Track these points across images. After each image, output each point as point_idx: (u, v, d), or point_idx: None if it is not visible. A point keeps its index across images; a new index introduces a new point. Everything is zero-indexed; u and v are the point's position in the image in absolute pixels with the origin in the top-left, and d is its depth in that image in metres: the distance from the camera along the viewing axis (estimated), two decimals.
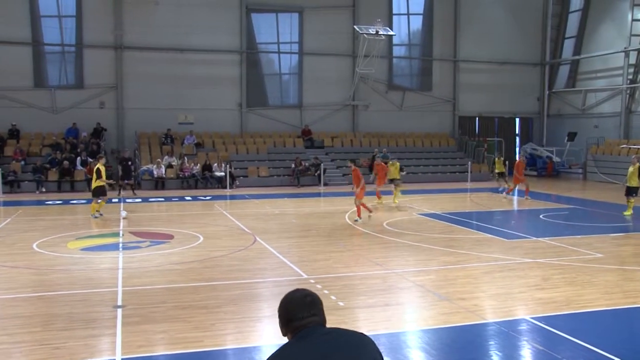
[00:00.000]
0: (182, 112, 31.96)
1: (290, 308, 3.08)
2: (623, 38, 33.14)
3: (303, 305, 3.07)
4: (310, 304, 3.08)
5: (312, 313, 3.05)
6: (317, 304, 3.10)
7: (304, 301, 3.09)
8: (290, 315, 3.06)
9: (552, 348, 7.47)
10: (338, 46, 34.15)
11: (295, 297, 3.12)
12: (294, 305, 3.08)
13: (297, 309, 3.06)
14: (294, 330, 3.02)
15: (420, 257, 12.88)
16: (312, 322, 3.03)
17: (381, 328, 8.25)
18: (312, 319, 3.04)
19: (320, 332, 3.01)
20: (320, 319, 3.07)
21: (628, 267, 12.06)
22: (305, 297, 3.11)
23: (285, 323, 3.07)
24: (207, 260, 12.63)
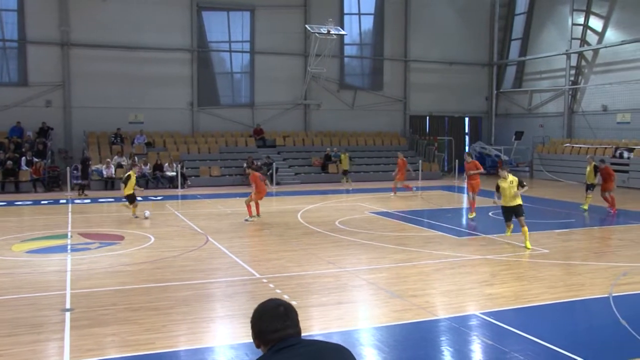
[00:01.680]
0: (132, 111, 31.42)
1: (263, 319, 2.93)
2: (564, 41, 34.16)
3: (276, 317, 2.92)
4: (284, 315, 2.93)
5: (286, 325, 2.91)
6: (291, 315, 2.95)
7: (277, 312, 2.94)
8: (262, 326, 2.91)
9: (500, 342, 7.65)
10: (290, 45, 34.14)
11: (268, 308, 2.97)
12: (266, 317, 2.93)
13: (270, 321, 2.91)
14: (268, 342, 2.89)
15: (373, 255, 13.00)
16: (287, 335, 2.89)
17: (334, 326, 8.30)
18: (287, 332, 2.90)
19: (296, 344, 2.87)
20: (295, 331, 2.93)
21: (572, 262, 12.44)
22: (278, 308, 2.96)
23: (258, 335, 2.93)
24: (159, 261, 12.46)
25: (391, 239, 14.85)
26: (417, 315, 8.79)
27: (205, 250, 13.62)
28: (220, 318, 8.85)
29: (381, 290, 10.16)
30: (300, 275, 11.21)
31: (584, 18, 33.51)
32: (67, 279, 10.84)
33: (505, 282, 10.66)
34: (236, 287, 10.51)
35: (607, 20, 32.23)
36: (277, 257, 12.84)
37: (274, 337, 2.88)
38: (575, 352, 7.17)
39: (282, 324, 2.91)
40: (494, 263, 12.15)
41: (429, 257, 12.76)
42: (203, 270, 11.69)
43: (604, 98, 32.13)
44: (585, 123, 33.57)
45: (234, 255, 12.92)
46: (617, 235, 16.32)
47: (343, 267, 11.91)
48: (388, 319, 8.67)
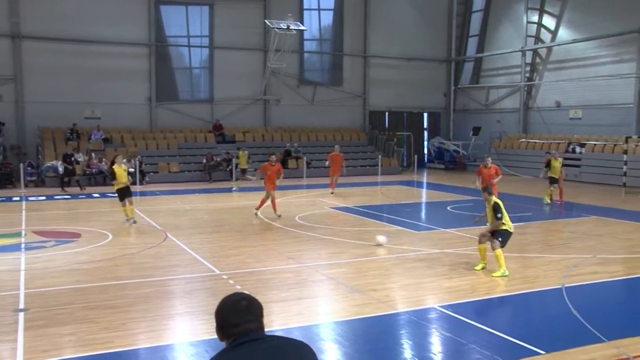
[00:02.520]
0: (89, 107, 30.79)
1: (225, 313, 2.92)
2: (520, 38, 34.83)
3: (238, 310, 2.91)
4: (246, 309, 2.91)
5: (248, 319, 2.89)
6: (254, 309, 2.94)
7: (239, 306, 2.92)
8: (224, 320, 2.90)
9: (458, 334, 7.80)
10: (249, 40, 33.96)
11: (230, 302, 2.95)
12: (228, 310, 2.92)
13: (232, 314, 2.89)
14: (229, 336, 2.87)
15: (333, 250, 13.07)
16: (248, 329, 2.87)
17: (294, 321, 8.34)
18: (248, 325, 2.88)
19: (257, 339, 2.85)
20: (256, 326, 2.91)
21: (527, 254, 12.74)
22: (241, 302, 2.94)
23: (220, 328, 2.92)
24: (117, 258, 12.29)
25: (351, 234, 14.95)
26: (376, 309, 8.89)
27: (164, 247, 13.48)
28: (180, 315, 8.80)
29: (341, 285, 10.23)
30: (260, 271, 11.20)
31: (538, 16, 34.20)
32: (21, 278, 10.60)
33: (463, 276, 10.85)
34: (196, 284, 10.45)
35: (559, 19, 32.98)
36: (236, 253, 12.80)
37: (235, 331, 2.87)
38: (530, 342, 7.36)
39: (244, 318, 2.89)
40: (452, 257, 12.35)
41: (388, 252, 12.89)
42: (162, 267, 11.58)
43: (557, 94, 32.90)
44: (540, 119, 34.32)
45: (194, 252, 12.84)
46: (569, 228, 16.76)
47: (303, 262, 11.95)
48: (348, 313, 8.74)
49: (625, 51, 29.28)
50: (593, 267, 11.55)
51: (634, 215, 18.69)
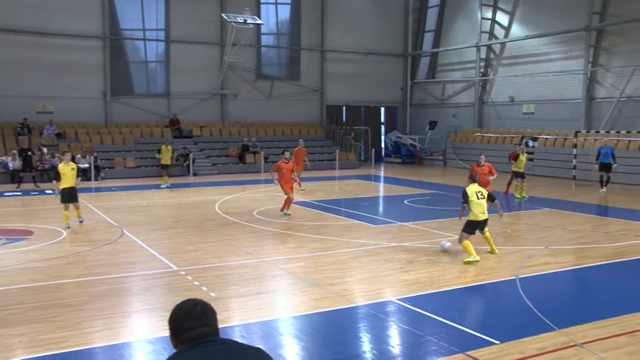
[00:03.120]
0: (40, 101, 30.01)
1: (179, 318, 2.89)
2: (475, 34, 35.40)
3: (193, 315, 2.89)
4: (202, 314, 2.91)
5: (203, 323, 2.88)
6: (208, 314, 2.93)
7: (194, 310, 2.91)
8: (179, 325, 2.88)
9: (416, 326, 7.92)
10: (206, 34, 33.61)
11: (185, 307, 2.93)
12: (182, 315, 2.90)
13: (187, 319, 2.88)
14: (184, 341, 2.85)
15: (291, 245, 13.10)
16: (205, 332, 2.86)
17: (254, 317, 8.33)
18: (204, 329, 2.87)
19: (213, 341, 2.84)
20: (212, 329, 2.90)
21: (483, 246, 12.97)
22: (195, 307, 2.93)
23: (175, 335, 2.89)
24: (71, 256, 12.06)
25: (309, 229, 14.99)
26: (335, 303, 8.95)
27: (120, 243, 13.29)
28: (137, 312, 8.70)
29: (299, 279, 10.27)
30: (218, 267, 11.15)
31: (491, 13, 34.79)
32: None
33: (420, 268, 11.00)
34: (153, 281, 10.34)
35: (512, 15, 33.62)
36: (194, 249, 12.71)
37: (191, 334, 2.85)
38: (486, 332, 7.53)
39: (199, 322, 2.88)
40: (410, 250, 12.51)
41: (346, 246, 12.98)
42: (118, 264, 11.41)
43: (510, 89, 33.56)
44: (494, 113, 34.96)
45: (151, 248, 12.69)
46: (523, 220, 17.15)
47: (261, 257, 11.94)
48: (307, 307, 8.78)
49: (574, 48, 30.05)
50: (545, 258, 11.86)
51: (583, 207, 19.26)
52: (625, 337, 7.46)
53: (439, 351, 7.05)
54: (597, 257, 12.01)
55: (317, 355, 7.11)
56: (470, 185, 11.80)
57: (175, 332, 2.90)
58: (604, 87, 29.05)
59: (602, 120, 28.39)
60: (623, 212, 18.30)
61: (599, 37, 29.26)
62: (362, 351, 7.29)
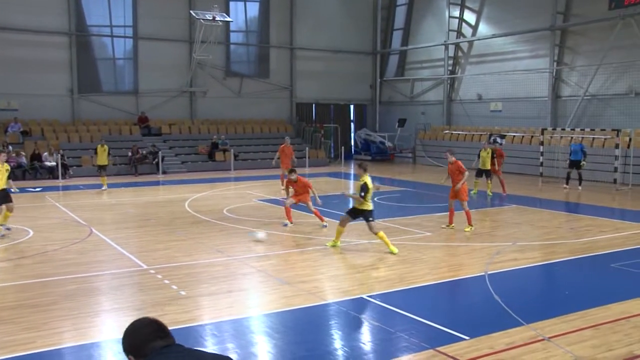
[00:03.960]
0: (4, 98, 29.41)
1: (141, 332, 2.93)
2: (443, 32, 35.71)
3: (153, 329, 2.95)
4: (160, 328, 2.96)
5: (165, 334, 2.94)
6: (166, 329, 2.98)
7: (154, 325, 2.97)
8: (141, 339, 2.90)
9: (387, 323, 7.98)
10: (174, 31, 33.32)
11: (143, 323, 2.98)
12: (144, 329, 2.94)
13: (148, 332, 2.92)
14: (147, 353, 2.86)
15: (261, 243, 13.06)
16: (169, 342, 2.91)
17: (225, 315, 8.31)
18: (168, 340, 2.93)
19: (178, 346, 2.91)
20: (172, 341, 2.94)
21: (452, 243, 13.15)
22: (153, 322, 2.98)
23: (136, 348, 2.89)
24: (38, 255, 11.87)
25: (279, 226, 14.98)
26: (306, 300, 8.97)
27: (89, 242, 13.12)
28: (106, 312, 8.60)
29: (270, 277, 10.27)
30: (188, 265, 11.09)
31: (459, 11, 35.15)
32: None
33: (390, 265, 11.09)
34: (122, 279, 10.23)
35: (479, 14, 34.02)
36: (164, 247, 12.61)
37: (155, 345, 2.88)
38: (456, 328, 7.63)
39: (162, 333, 2.95)
40: (380, 247, 12.58)
41: (317, 243, 13.01)
42: (87, 263, 11.27)
43: (478, 87, 33.96)
44: (462, 111, 35.34)
45: (120, 247, 12.56)
46: (491, 217, 17.39)
47: (232, 255, 11.90)
48: (278, 305, 8.78)
49: (539, 47, 30.53)
50: (513, 254, 12.05)
51: (549, 203, 19.60)
52: (589, 330, 7.62)
53: (410, 347, 7.12)
54: (563, 253, 12.25)
55: (289, 352, 7.13)
56: (365, 177, 12.42)
57: (136, 346, 2.90)
58: (569, 86, 29.58)
59: (567, 118, 28.90)
60: (588, 208, 18.68)
61: (563, 37, 29.79)
62: (333, 348, 7.33)
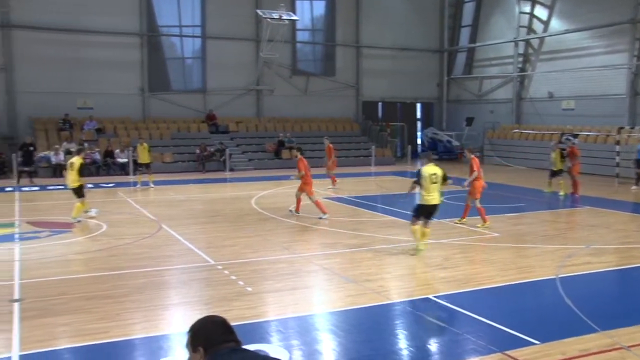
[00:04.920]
0: (81, 97, 30.60)
1: (213, 327, 3.02)
2: (512, 29, 34.82)
3: (225, 329, 3.03)
4: (230, 329, 3.04)
5: (233, 338, 3.02)
6: (234, 330, 3.06)
7: (225, 325, 3.05)
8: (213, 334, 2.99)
9: (454, 324, 7.84)
10: (241, 30, 33.81)
11: (217, 320, 3.07)
12: (217, 328, 3.03)
13: (220, 331, 3.01)
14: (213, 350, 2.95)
15: (327, 241, 13.08)
16: (237, 344, 3.00)
17: (289, 311, 8.35)
18: (237, 343, 3.01)
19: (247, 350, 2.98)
20: (240, 344, 3.03)
21: (522, 245, 12.79)
22: (225, 322, 3.07)
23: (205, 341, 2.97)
24: (112, 248, 12.27)
25: (345, 225, 14.96)
26: (371, 299, 8.91)
27: (158, 237, 13.46)
28: (175, 305, 8.79)
29: (335, 275, 10.25)
30: (255, 262, 11.21)
31: (530, 7, 34.18)
32: (16, 268, 10.57)
33: (457, 266, 10.89)
34: (191, 274, 10.45)
35: (551, 9, 32.96)
36: (231, 244, 12.80)
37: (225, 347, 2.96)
38: (525, 332, 7.39)
39: (230, 336, 3.02)
40: (447, 247, 12.39)
41: (383, 242, 12.91)
42: (157, 258, 11.57)
43: (550, 85, 32.94)
44: (532, 109, 34.37)
45: (188, 242, 12.83)
46: (563, 218, 16.84)
47: (298, 252, 11.96)
48: (342, 303, 8.76)
49: (617, 42, 29.32)
50: (587, 257, 11.61)
51: (627, 205, 18.80)
52: None
53: (477, 350, 6.95)
54: None
55: (353, 351, 7.09)
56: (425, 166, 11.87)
57: (207, 340, 2.97)
58: None
59: None
60: None
61: None
62: (398, 348, 7.24)
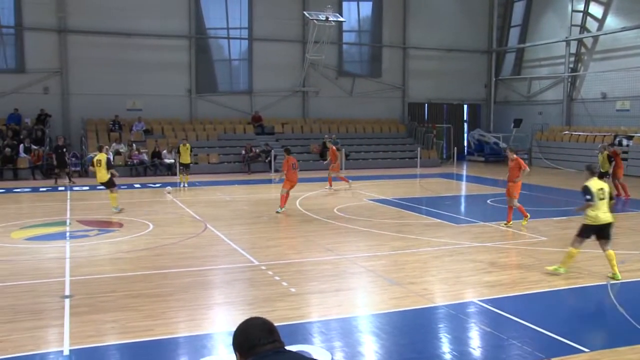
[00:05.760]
0: (130, 98, 31.32)
1: (253, 333, 3.00)
2: (564, 28, 34.03)
3: (265, 331, 3.02)
4: (271, 330, 3.03)
5: (274, 339, 3.00)
6: (276, 332, 3.05)
7: (265, 327, 3.04)
8: (254, 339, 2.98)
9: (498, 329, 7.69)
10: (288, 32, 34.00)
11: (257, 323, 3.06)
12: (256, 331, 3.01)
13: (260, 334, 3.00)
14: (255, 354, 2.95)
15: (371, 243, 13.02)
16: (276, 347, 2.99)
17: (333, 313, 8.33)
18: (276, 344, 2.99)
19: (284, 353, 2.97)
20: (281, 345, 3.02)
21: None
22: (265, 324, 3.06)
23: (247, 348, 2.97)
24: (158, 248, 12.47)
25: (389, 226, 14.87)
26: (415, 302, 8.82)
27: (203, 237, 13.63)
28: (219, 305, 8.88)
29: (379, 277, 10.19)
30: (299, 263, 11.23)
31: (584, 4, 33.34)
32: (67, 265, 10.85)
33: (503, 270, 10.69)
34: (235, 274, 10.53)
35: (607, 6, 32.06)
36: (275, 245, 12.86)
37: (264, 349, 2.96)
38: (573, 339, 7.20)
39: (272, 337, 3.01)
40: (493, 250, 12.18)
41: (427, 245, 12.78)
42: (202, 257, 11.71)
43: (603, 85, 32.06)
44: (584, 110, 33.52)
45: (233, 243, 12.94)
46: (616, 223, 16.30)
47: (342, 254, 11.93)
48: (386, 305, 8.69)
49: None
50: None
51: None
52: None
53: (523, 356, 6.80)
54: None
55: (396, 353, 7.03)
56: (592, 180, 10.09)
57: (248, 346, 2.98)
58: None
59: None
60: None
61: None
62: (441, 352, 7.14)
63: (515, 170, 15.06)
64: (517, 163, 15.12)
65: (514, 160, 15.21)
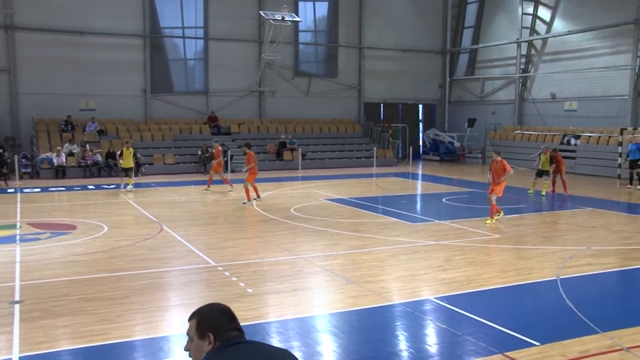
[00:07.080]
0: (83, 98, 30.67)
1: (221, 317, 3.01)
2: (515, 30, 34.81)
3: (231, 317, 3.03)
4: (235, 317, 3.03)
5: (236, 326, 3.01)
6: (237, 318, 3.05)
7: (231, 313, 3.04)
8: (221, 324, 2.97)
9: (454, 326, 7.83)
10: (244, 32, 33.86)
11: (220, 306, 3.07)
12: (224, 315, 3.02)
13: (229, 320, 3.00)
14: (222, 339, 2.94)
15: (328, 242, 13.08)
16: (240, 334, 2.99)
17: (290, 313, 8.35)
18: (239, 332, 3.00)
19: (245, 343, 2.96)
20: (243, 333, 3.02)
21: (522, 246, 12.79)
22: (229, 310, 3.06)
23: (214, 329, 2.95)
24: (113, 250, 12.28)
25: (346, 226, 14.96)
26: (372, 300, 8.91)
27: (159, 238, 13.47)
28: (175, 307, 8.80)
29: (337, 276, 10.25)
30: (256, 263, 11.21)
31: (533, 8, 34.16)
32: (16, 270, 10.58)
33: (458, 267, 10.88)
34: (191, 276, 10.45)
35: (554, 10, 32.94)
36: (232, 245, 12.80)
37: (230, 335, 2.94)
38: (525, 333, 7.40)
39: (235, 324, 3.01)
40: (448, 248, 12.38)
41: (383, 244, 12.91)
42: (158, 259, 11.57)
43: (552, 86, 32.91)
44: (535, 110, 34.35)
45: (189, 244, 12.83)
46: (564, 219, 16.82)
47: (298, 254, 11.96)
48: (344, 305, 8.76)
49: (620, 43, 29.30)
50: (587, 258, 11.60)
51: (628, 207, 18.78)
52: None
53: (477, 351, 6.95)
54: None
55: (354, 352, 7.09)
56: None
57: (215, 327, 2.96)
58: None
59: None
60: None
61: None
62: (399, 349, 7.24)
63: (501, 172, 15.37)
64: (501, 165, 15.39)
65: (499, 162, 15.49)
